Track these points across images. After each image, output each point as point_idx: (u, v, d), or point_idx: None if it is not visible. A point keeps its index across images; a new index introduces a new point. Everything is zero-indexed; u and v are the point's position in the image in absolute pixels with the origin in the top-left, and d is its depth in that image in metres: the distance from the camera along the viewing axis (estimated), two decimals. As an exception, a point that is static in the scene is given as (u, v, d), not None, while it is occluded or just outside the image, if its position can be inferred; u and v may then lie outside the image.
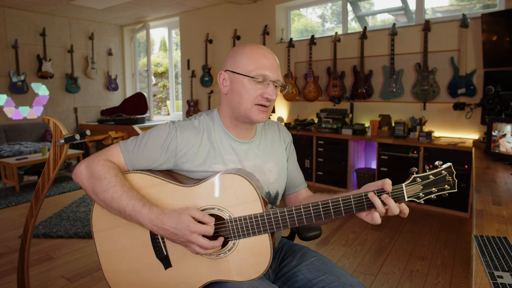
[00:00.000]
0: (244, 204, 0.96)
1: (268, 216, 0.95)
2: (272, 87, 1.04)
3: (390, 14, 4.47)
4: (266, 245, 0.97)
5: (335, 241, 2.75)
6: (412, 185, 0.91)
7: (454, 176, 0.91)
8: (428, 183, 0.91)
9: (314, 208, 0.93)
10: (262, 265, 0.97)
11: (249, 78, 1.03)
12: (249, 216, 0.95)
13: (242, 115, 1.06)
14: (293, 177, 1.25)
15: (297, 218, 0.95)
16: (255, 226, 0.95)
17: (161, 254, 0.99)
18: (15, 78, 5.33)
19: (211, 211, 0.98)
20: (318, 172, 4.18)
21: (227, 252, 0.98)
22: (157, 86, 9.37)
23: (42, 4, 5.13)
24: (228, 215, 0.97)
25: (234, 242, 0.98)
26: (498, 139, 2.22)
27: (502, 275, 0.85)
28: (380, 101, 4.02)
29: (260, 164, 1.13)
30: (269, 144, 1.19)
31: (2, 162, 4.15)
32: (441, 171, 0.91)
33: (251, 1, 4.93)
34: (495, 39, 3.15)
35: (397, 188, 0.92)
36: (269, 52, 1.07)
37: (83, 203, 3.71)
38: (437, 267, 2.34)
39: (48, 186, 1.58)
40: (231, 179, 0.97)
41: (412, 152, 3.45)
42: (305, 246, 1.22)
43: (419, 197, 0.92)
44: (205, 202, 0.98)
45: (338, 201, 0.93)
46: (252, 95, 1.03)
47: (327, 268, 1.07)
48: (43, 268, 2.36)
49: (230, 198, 0.97)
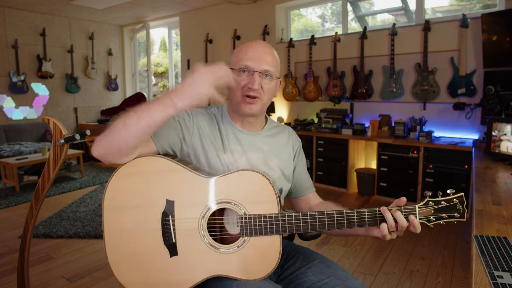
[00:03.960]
0: (261, 203, 0.97)
1: (283, 218, 0.96)
2: (257, 77, 1.04)
3: (390, 14, 4.47)
4: (275, 247, 0.97)
5: (335, 241, 2.74)
6: (425, 207, 0.96)
7: (464, 206, 0.96)
8: (440, 208, 0.96)
9: (328, 216, 0.96)
10: (269, 267, 0.96)
11: (235, 70, 1.06)
12: (264, 215, 0.96)
13: (236, 109, 1.10)
14: (302, 180, 1.26)
15: (311, 223, 0.96)
16: (269, 226, 0.96)
17: (169, 241, 0.98)
18: (15, 78, 5.33)
19: (227, 205, 0.98)
20: (318, 172, 4.18)
21: (235, 248, 0.97)
22: (157, 86, 9.37)
23: (42, 4, 5.13)
24: (244, 212, 0.97)
25: (245, 239, 0.97)
26: (499, 138, 2.22)
27: (502, 275, 0.85)
28: (380, 101, 4.02)
29: (265, 159, 1.14)
30: (276, 143, 1.19)
31: (2, 162, 4.15)
32: (453, 199, 0.96)
33: (251, 1, 4.93)
34: (495, 39, 3.15)
35: (410, 207, 0.95)
36: (260, 46, 1.08)
37: (83, 203, 3.71)
38: (437, 267, 2.34)
39: (48, 186, 1.58)
40: (252, 176, 0.97)
41: (412, 152, 3.45)
42: (307, 248, 1.21)
43: (429, 220, 0.96)
44: (223, 195, 0.98)
45: (352, 213, 0.96)
46: (239, 86, 1.06)
47: (331, 271, 1.07)
48: (43, 268, 2.36)
49: (248, 195, 0.97)
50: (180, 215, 0.98)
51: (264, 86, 1.07)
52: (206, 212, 0.98)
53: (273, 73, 1.08)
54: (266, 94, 1.08)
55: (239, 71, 1.06)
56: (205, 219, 0.98)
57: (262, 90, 1.07)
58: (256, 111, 1.08)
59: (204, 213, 0.98)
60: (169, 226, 0.98)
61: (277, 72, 1.11)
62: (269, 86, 1.08)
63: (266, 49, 1.08)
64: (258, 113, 1.10)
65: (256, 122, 1.16)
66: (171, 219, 0.98)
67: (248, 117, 1.12)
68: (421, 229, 0.94)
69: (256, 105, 1.07)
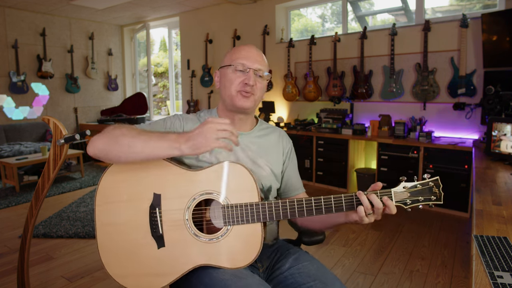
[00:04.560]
0: (242, 192, 1.02)
1: (263, 206, 1.00)
2: (252, 74, 1.11)
3: (390, 14, 4.47)
4: (257, 235, 1.01)
5: (335, 241, 2.74)
6: (401, 191, 1.00)
7: (440, 189, 1.00)
8: (415, 191, 1.00)
9: (307, 203, 1.00)
10: (252, 254, 1.00)
11: (231, 67, 1.13)
12: (245, 204, 1.00)
13: (229, 104, 1.15)
14: (292, 182, 1.28)
15: (290, 210, 1.01)
16: (249, 214, 1.00)
17: (156, 233, 1.02)
18: (15, 78, 5.33)
19: (210, 195, 1.02)
20: (318, 172, 4.18)
21: (219, 237, 1.01)
22: (157, 86, 9.38)
23: (42, 4, 5.13)
24: (226, 202, 1.01)
25: (228, 228, 1.01)
26: (499, 138, 2.22)
27: (502, 275, 0.85)
28: (380, 101, 4.02)
29: (254, 157, 1.18)
30: (266, 143, 1.23)
31: (2, 162, 4.15)
32: (428, 183, 1.00)
33: (251, 1, 4.93)
34: (495, 39, 3.15)
35: (385, 190, 1.00)
36: (253, 48, 1.17)
37: (83, 203, 3.71)
38: (437, 267, 2.34)
39: (48, 186, 1.58)
40: (232, 167, 1.03)
41: (412, 152, 3.45)
42: (300, 249, 1.21)
43: (406, 203, 1.00)
44: (206, 187, 1.03)
45: (329, 198, 1.00)
46: (235, 82, 1.12)
47: (318, 274, 1.06)
48: (43, 268, 2.36)
49: (230, 185, 1.02)
50: (167, 207, 1.03)
51: (258, 84, 1.14)
52: (191, 204, 1.02)
53: (265, 73, 1.16)
54: (259, 92, 1.15)
55: (235, 69, 1.12)
56: (189, 210, 1.02)
57: (256, 87, 1.13)
58: (249, 106, 1.13)
59: (189, 204, 1.02)
60: (156, 218, 1.03)
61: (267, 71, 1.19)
62: (261, 85, 1.16)
63: (258, 52, 1.17)
64: (250, 109, 1.15)
65: (247, 120, 1.21)
66: (158, 211, 1.02)
67: (240, 114, 1.17)
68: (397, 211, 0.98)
69: (250, 100, 1.13)
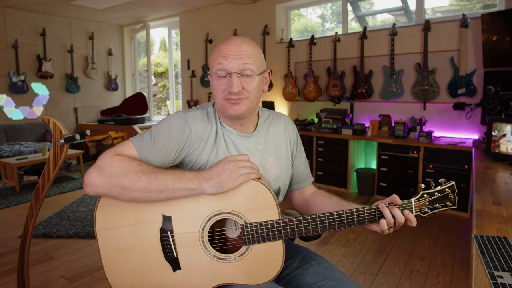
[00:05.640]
0: (260, 210, 0.95)
1: (284, 224, 0.95)
2: (235, 79, 0.98)
3: (390, 14, 4.47)
4: (279, 251, 0.96)
5: (335, 241, 2.74)
6: (420, 200, 0.99)
7: (455, 194, 1.00)
8: (434, 199, 0.99)
9: (329, 218, 0.96)
10: (274, 270, 0.96)
11: (213, 74, 1.02)
12: (265, 223, 0.95)
13: (223, 112, 1.05)
14: (300, 172, 1.24)
15: (312, 226, 0.96)
16: (271, 232, 0.95)
17: (171, 256, 0.97)
18: (15, 78, 5.33)
19: (227, 215, 0.96)
20: (318, 172, 4.18)
21: (239, 257, 0.97)
22: (157, 86, 9.38)
23: (42, 4, 5.13)
24: (244, 220, 0.95)
25: (248, 247, 0.96)
26: (498, 139, 2.22)
27: (502, 275, 0.85)
28: (380, 101, 4.02)
29: (261, 160, 1.11)
30: (272, 139, 1.16)
31: (2, 162, 4.15)
32: (445, 189, 0.99)
33: (251, 1, 4.93)
34: (495, 39, 3.15)
35: (406, 202, 0.98)
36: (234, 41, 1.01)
37: (83, 203, 3.71)
38: (437, 267, 2.34)
39: (48, 186, 1.58)
40: (248, 184, 0.95)
41: (412, 152, 3.45)
42: (306, 248, 1.21)
43: (424, 212, 1.00)
44: (221, 206, 0.95)
45: (352, 212, 0.97)
46: (219, 90, 1.01)
47: (327, 273, 1.06)
48: (43, 268, 2.36)
49: (247, 203, 0.95)
50: (179, 229, 0.96)
51: (246, 86, 1.00)
52: (205, 225, 0.96)
53: (254, 69, 1.00)
54: (252, 93, 1.02)
55: (217, 75, 1.00)
56: (205, 232, 0.96)
57: (245, 91, 1.00)
58: (243, 111, 1.02)
59: (203, 225, 0.96)
60: (169, 241, 0.97)
61: (258, 65, 1.02)
62: (251, 85, 1.01)
63: (240, 44, 1.00)
64: (246, 114, 1.04)
65: (248, 122, 1.11)
66: (170, 234, 0.96)
67: (236, 119, 1.07)
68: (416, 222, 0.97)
69: (242, 105, 1.01)
